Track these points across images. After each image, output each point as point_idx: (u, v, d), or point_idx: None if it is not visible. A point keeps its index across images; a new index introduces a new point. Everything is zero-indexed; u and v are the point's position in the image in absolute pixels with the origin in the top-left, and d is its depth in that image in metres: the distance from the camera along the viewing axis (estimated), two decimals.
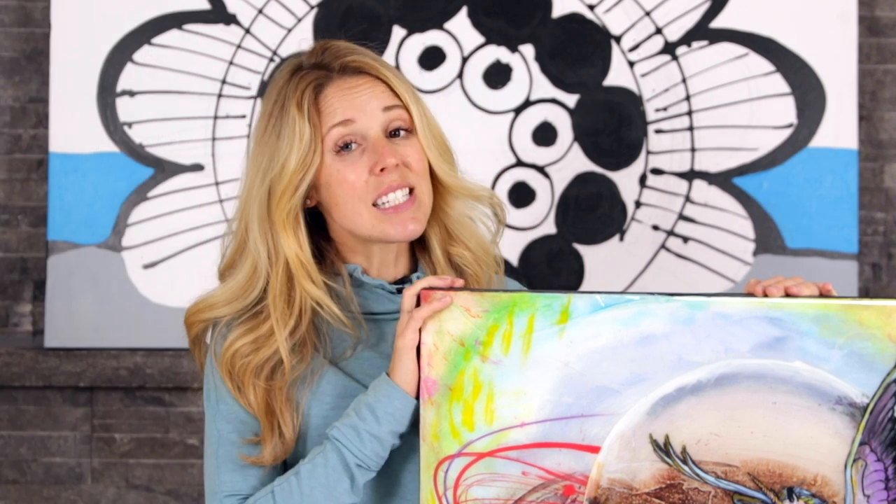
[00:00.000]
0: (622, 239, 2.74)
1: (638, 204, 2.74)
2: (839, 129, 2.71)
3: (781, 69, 2.73)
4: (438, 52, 2.75)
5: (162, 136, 2.74)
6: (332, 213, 1.45)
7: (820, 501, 1.29)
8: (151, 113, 2.74)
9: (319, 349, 1.45)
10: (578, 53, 2.75)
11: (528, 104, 2.75)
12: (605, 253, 2.74)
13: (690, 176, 2.74)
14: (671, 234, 2.74)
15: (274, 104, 1.44)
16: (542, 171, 2.75)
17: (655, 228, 2.74)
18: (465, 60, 2.75)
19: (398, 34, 2.75)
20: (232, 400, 1.44)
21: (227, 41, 2.75)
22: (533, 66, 2.75)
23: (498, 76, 2.75)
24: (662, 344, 1.31)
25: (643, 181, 2.74)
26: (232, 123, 2.75)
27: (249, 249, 1.44)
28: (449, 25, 2.75)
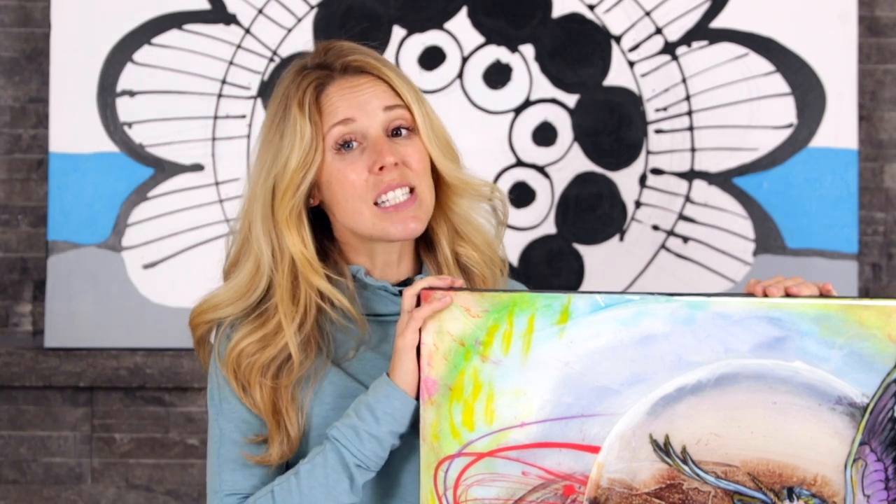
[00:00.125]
0: (622, 239, 2.74)
1: (638, 204, 2.74)
2: (839, 129, 2.71)
3: (781, 69, 2.73)
4: (438, 52, 2.75)
5: (162, 136, 2.74)
6: (333, 211, 1.46)
7: (820, 501, 1.29)
8: (151, 113, 2.74)
9: (323, 349, 1.45)
10: (578, 53, 2.75)
11: (528, 104, 2.75)
12: (605, 253, 2.74)
13: (690, 176, 2.74)
14: (671, 234, 2.74)
15: (278, 105, 1.46)
16: (542, 171, 2.75)
17: (655, 228, 2.74)
18: (465, 60, 2.75)
19: (398, 34, 2.75)
20: (235, 399, 1.44)
21: (227, 41, 2.75)
22: (533, 66, 2.75)
23: (498, 76, 2.75)
24: (662, 344, 1.31)
25: (643, 181, 2.74)
26: (232, 123, 2.75)
27: (253, 248, 1.45)
28: (449, 25, 2.75)
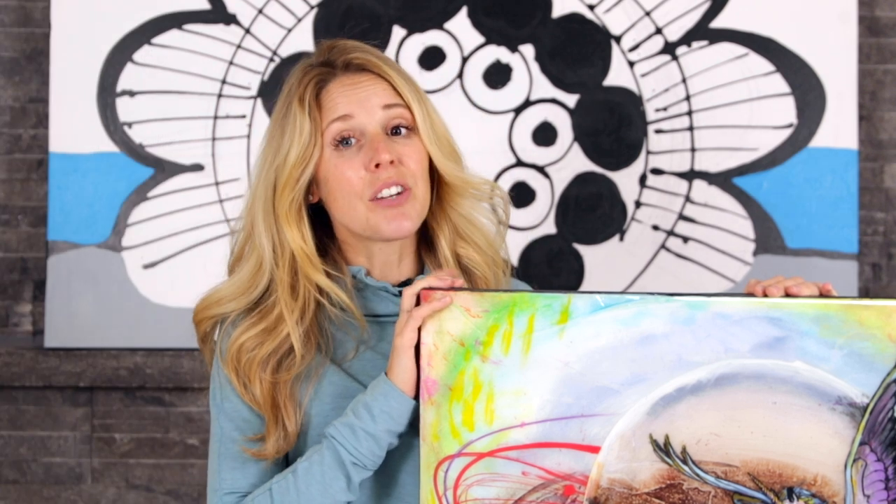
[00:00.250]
0: (622, 239, 2.74)
1: (638, 204, 2.74)
2: (839, 129, 2.71)
3: (781, 69, 2.73)
4: (438, 52, 2.75)
5: (162, 136, 2.74)
6: (331, 208, 1.46)
7: (820, 501, 1.29)
8: (151, 113, 2.74)
9: (322, 347, 1.45)
10: (578, 53, 2.75)
11: (528, 104, 2.75)
12: (605, 253, 2.74)
13: (690, 176, 2.74)
14: (671, 234, 2.74)
15: (282, 102, 1.47)
16: (542, 171, 2.75)
17: (655, 228, 2.74)
18: (465, 60, 2.75)
19: (398, 34, 2.75)
20: (236, 398, 1.44)
21: (227, 41, 2.75)
22: (533, 66, 2.75)
23: (498, 76, 2.75)
24: (662, 344, 1.31)
25: (643, 181, 2.74)
26: (232, 123, 2.75)
27: (255, 243, 1.45)
28: (449, 25, 2.75)
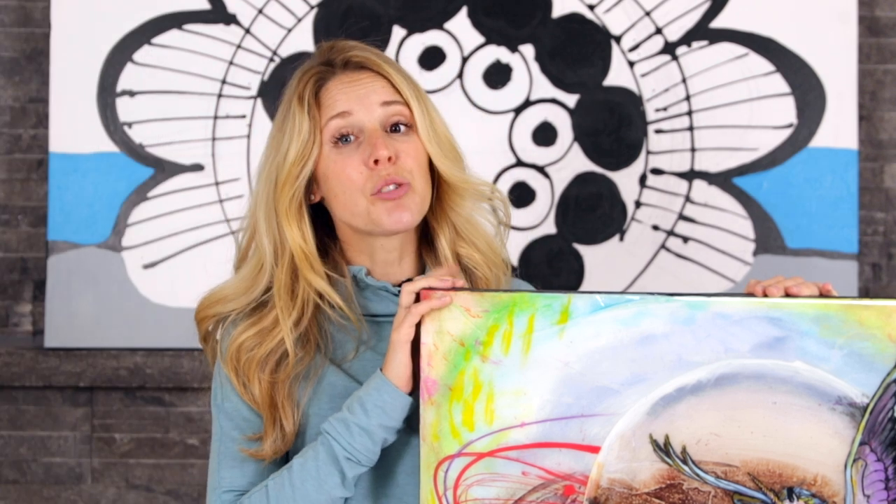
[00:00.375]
0: (622, 239, 2.74)
1: (638, 204, 2.74)
2: (839, 129, 2.71)
3: (781, 69, 2.73)
4: (438, 52, 2.75)
5: (162, 136, 2.74)
6: (332, 205, 1.46)
7: (820, 501, 1.29)
8: (151, 113, 2.74)
9: (321, 348, 1.45)
10: (578, 53, 2.75)
11: (528, 104, 2.75)
12: (605, 253, 2.74)
13: (690, 176, 2.74)
14: (671, 234, 2.74)
15: (283, 103, 1.48)
16: (542, 171, 2.75)
17: (655, 228, 2.74)
18: (465, 60, 2.75)
19: (398, 34, 2.75)
20: (236, 398, 1.44)
21: (227, 41, 2.75)
22: (533, 66, 2.75)
23: (498, 76, 2.75)
24: (662, 344, 1.31)
25: (643, 181, 2.74)
26: (232, 123, 2.75)
27: (258, 243, 1.46)
28: (449, 25, 2.75)
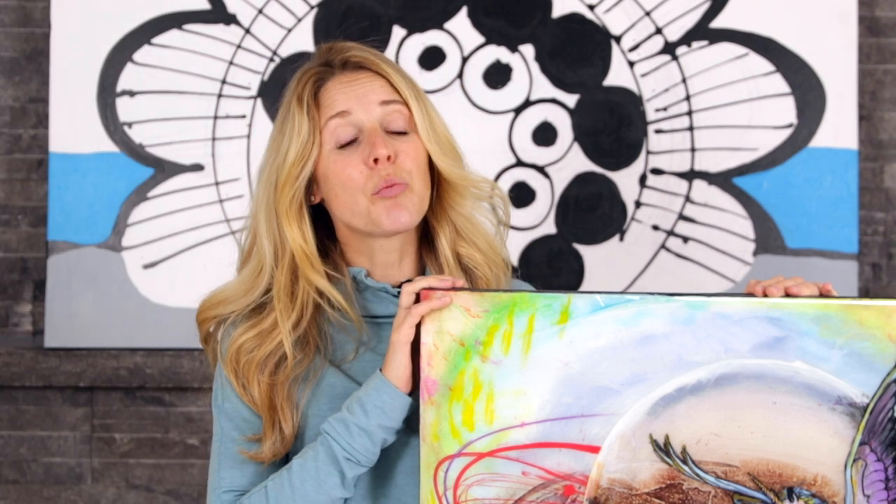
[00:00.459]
0: (622, 239, 2.74)
1: (638, 204, 2.74)
2: (839, 129, 2.71)
3: (781, 69, 2.73)
4: (438, 52, 2.75)
5: (162, 136, 2.74)
6: (332, 206, 1.46)
7: (820, 501, 1.29)
8: (151, 113, 2.74)
9: (321, 349, 1.45)
10: (578, 53, 2.75)
11: (528, 104, 2.75)
12: (605, 253, 2.74)
13: (690, 176, 2.74)
14: (671, 234, 2.74)
15: (283, 104, 1.48)
16: (542, 171, 2.75)
17: (655, 228, 2.74)
18: (465, 60, 2.75)
19: (398, 34, 2.75)
20: (237, 399, 1.45)
21: (227, 41, 2.75)
22: (533, 66, 2.75)
23: (498, 76, 2.75)
24: (662, 344, 1.31)
25: (643, 181, 2.74)
26: (232, 123, 2.75)
27: (258, 245, 1.46)
28: (449, 25, 2.75)
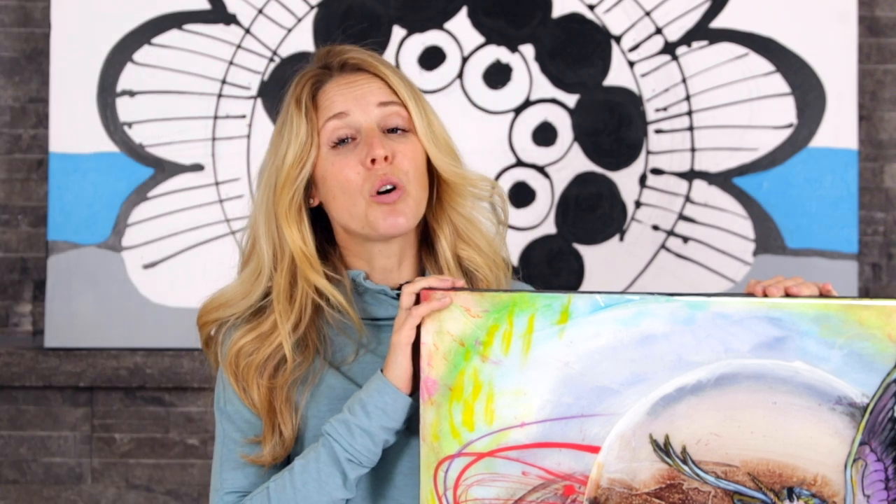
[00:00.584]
0: (622, 239, 2.74)
1: (638, 204, 2.74)
2: (839, 129, 2.71)
3: (781, 69, 2.73)
4: (438, 52, 2.75)
5: (162, 136, 2.74)
6: (330, 207, 1.46)
7: (820, 501, 1.29)
8: (151, 113, 2.74)
9: (320, 352, 1.45)
10: (578, 53, 2.75)
11: (528, 104, 2.75)
12: (605, 253, 2.74)
13: (690, 176, 2.74)
14: (671, 234, 2.74)
15: (283, 107, 1.49)
16: (542, 171, 2.75)
17: (655, 228, 2.74)
18: (465, 60, 2.75)
19: (398, 34, 2.75)
20: (238, 401, 1.45)
21: (227, 41, 2.75)
22: (533, 66, 2.75)
23: (498, 76, 2.75)
24: (662, 344, 1.31)
25: (643, 181, 2.74)
26: (232, 123, 2.75)
27: (256, 247, 1.46)
28: (449, 25, 2.75)
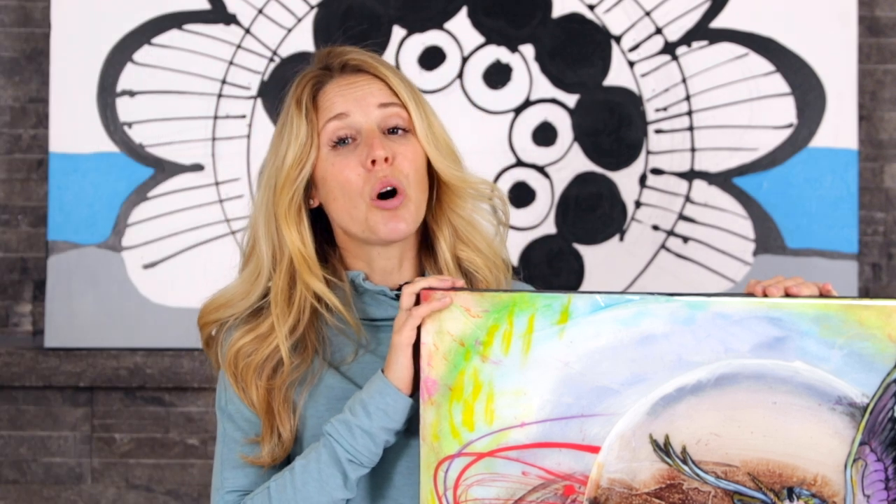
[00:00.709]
0: (622, 239, 2.74)
1: (638, 204, 2.74)
2: (839, 129, 2.71)
3: (781, 69, 2.73)
4: (438, 52, 2.75)
5: (162, 136, 2.74)
6: (330, 209, 1.46)
7: (820, 501, 1.29)
8: (151, 113, 2.74)
9: (319, 352, 1.45)
10: (578, 53, 2.75)
11: (528, 104, 2.75)
12: (605, 253, 2.74)
13: (690, 176, 2.74)
14: (671, 234, 2.74)
15: (283, 108, 1.49)
16: (542, 171, 2.75)
17: (655, 228, 2.74)
18: (465, 60, 2.75)
19: (398, 34, 2.75)
20: (239, 401, 1.45)
21: (227, 41, 2.75)
22: (533, 66, 2.75)
23: (498, 76, 2.75)
24: (662, 344, 1.31)
25: (643, 181, 2.74)
26: (232, 123, 2.75)
27: (256, 248, 1.46)
28: (449, 25, 2.75)
